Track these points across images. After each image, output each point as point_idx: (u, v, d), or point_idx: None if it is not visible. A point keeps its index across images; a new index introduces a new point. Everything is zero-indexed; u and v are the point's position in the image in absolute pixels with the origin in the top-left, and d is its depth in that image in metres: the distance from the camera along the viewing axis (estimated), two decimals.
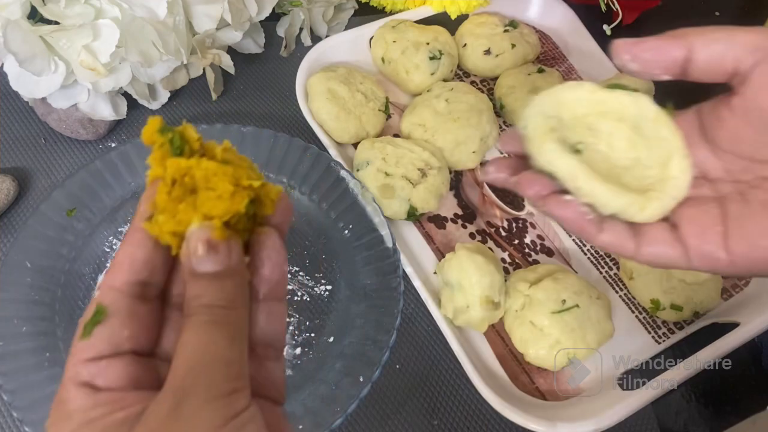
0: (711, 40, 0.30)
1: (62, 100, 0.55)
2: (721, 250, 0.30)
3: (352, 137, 0.59)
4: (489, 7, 0.68)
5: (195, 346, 0.23)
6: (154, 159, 0.25)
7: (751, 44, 0.29)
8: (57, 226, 0.51)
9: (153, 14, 0.51)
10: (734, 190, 0.31)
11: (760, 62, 0.29)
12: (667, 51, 0.30)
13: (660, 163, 0.32)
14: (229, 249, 0.24)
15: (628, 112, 0.32)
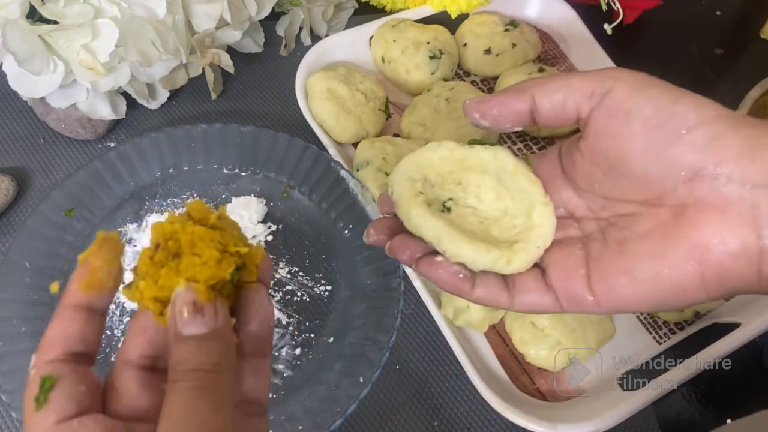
0: (551, 90, 0.31)
1: (61, 99, 0.54)
2: (586, 292, 0.31)
3: (352, 137, 0.59)
4: (489, 6, 0.67)
5: (180, 414, 0.22)
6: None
7: (587, 90, 0.30)
8: (56, 226, 0.51)
9: (152, 13, 0.51)
10: (597, 229, 0.32)
11: (596, 107, 0.30)
12: (512, 105, 0.32)
13: (524, 212, 0.33)
14: (215, 311, 0.24)
15: (489, 166, 0.34)
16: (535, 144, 0.63)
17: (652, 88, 0.29)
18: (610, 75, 0.30)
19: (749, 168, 0.27)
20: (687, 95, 0.29)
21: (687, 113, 0.28)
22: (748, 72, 0.68)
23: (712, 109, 0.28)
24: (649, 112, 0.29)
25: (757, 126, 0.28)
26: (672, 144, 0.28)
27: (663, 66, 0.69)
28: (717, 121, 0.28)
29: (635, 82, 0.29)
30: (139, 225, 0.53)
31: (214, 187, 0.56)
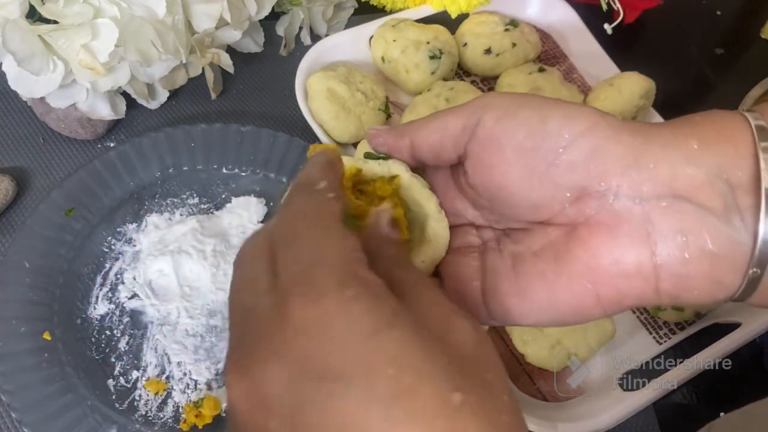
0: (428, 133, 0.31)
1: (61, 99, 0.54)
2: (480, 305, 0.29)
3: (352, 137, 0.59)
4: (489, 6, 0.67)
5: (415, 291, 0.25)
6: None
7: (460, 127, 0.29)
8: (55, 226, 0.51)
9: (152, 13, 0.51)
10: (494, 237, 0.31)
11: (470, 141, 0.29)
12: (395, 147, 0.32)
13: (419, 226, 0.33)
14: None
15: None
16: None
17: (522, 109, 0.28)
18: (480, 104, 0.29)
19: (636, 180, 0.25)
20: (556, 110, 0.27)
21: (558, 131, 0.26)
22: (748, 72, 0.68)
23: (585, 120, 0.26)
24: (520, 137, 0.27)
25: (640, 132, 0.26)
26: (550, 166, 0.27)
27: (663, 66, 0.69)
28: (592, 132, 0.26)
29: (504, 106, 0.28)
30: (138, 225, 0.53)
31: (214, 187, 0.56)
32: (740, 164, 0.25)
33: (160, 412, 0.46)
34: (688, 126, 0.26)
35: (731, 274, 0.25)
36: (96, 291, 0.50)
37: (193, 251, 0.50)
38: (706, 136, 0.26)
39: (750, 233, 0.25)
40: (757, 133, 0.25)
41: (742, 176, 0.25)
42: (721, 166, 0.25)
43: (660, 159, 0.25)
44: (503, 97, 0.29)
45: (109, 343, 0.48)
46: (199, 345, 0.48)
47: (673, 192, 0.25)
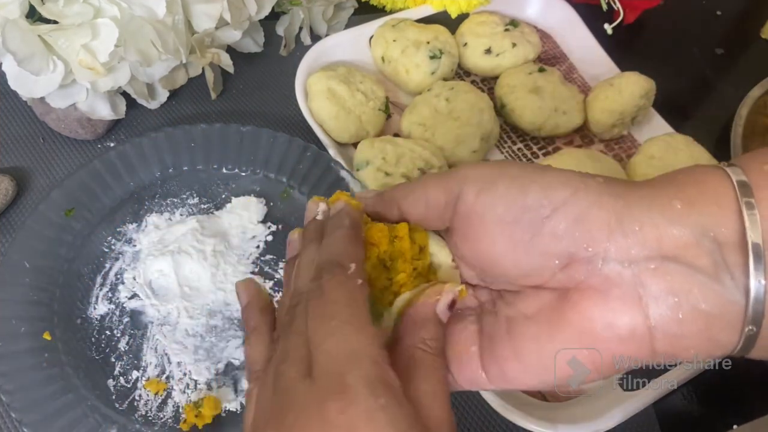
0: (412, 202, 0.31)
1: (61, 99, 0.54)
2: (479, 370, 0.29)
3: (352, 137, 0.59)
4: (489, 6, 0.67)
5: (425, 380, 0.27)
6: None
7: (441, 201, 0.30)
8: (55, 226, 0.51)
9: (152, 13, 0.51)
10: (489, 299, 0.32)
11: (453, 216, 0.30)
12: (390, 212, 0.32)
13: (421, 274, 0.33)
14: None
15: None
16: (535, 144, 0.63)
17: (499, 182, 0.28)
18: (458, 177, 0.29)
19: (622, 244, 0.25)
20: (535, 181, 0.27)
21: (539, 203, 0.27)
22: (748, 72, 0.68)
23: (565, 188, 0.27)
24: (501, 210, 0.27)
25: (621, 195, 0.26)
26: (535, 236, 0.27)
27: (663, 66, 0.69)
28: (574, 200, 0.26)
29: (482, 179, 0.28)
30: (138, 225, 0.53)
31: (214, 187, 0.56)
32: (725, 222, 0.25)
33: (160, 412, 0.46)
34: (671, 186, 0.26)
35: (727, 332, 0.25)
36: (96, 291, 0.50)
37: (193, 251, 0.50)
38: (688, 196, 0.25)
39: (742, 291, 0.24)
40: (739, 189, 0.25)
41: (728, 233, 0.25)
42: (707, 224, 0.25)
43: (645, 221, 0.25)
44: (481, 168, 0.29)
45: (109, 343, 0.48)
46: (199, 345, 0.48)
47: (662, 253, 0.25)
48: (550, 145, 0.63)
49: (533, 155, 0.62)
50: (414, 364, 0.27)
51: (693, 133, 0.60)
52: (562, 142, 0.63)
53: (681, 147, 0.58)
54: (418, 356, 0.27)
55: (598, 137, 0.63)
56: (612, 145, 0.63)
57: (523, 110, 0.61)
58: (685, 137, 0.59)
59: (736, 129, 0.61)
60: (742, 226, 0.24)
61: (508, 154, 0.62)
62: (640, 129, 0.63)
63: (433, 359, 0.27)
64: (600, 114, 0.61)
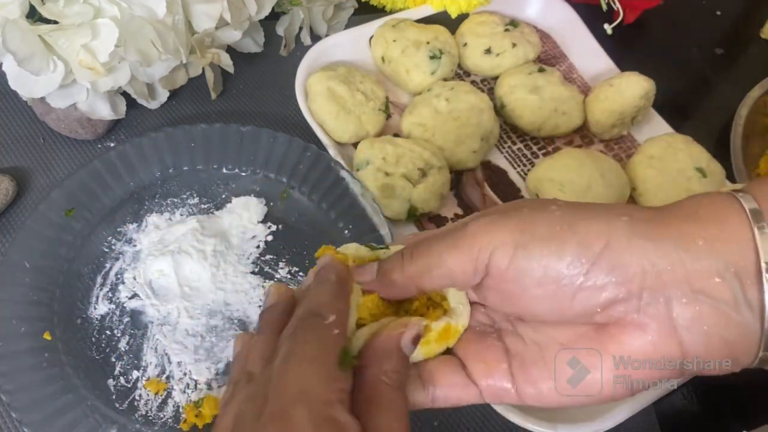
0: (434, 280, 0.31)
1: (61, 99, 0.54)
2: (510, 386, 0.31)
3: (352, 137, 0.59)
4: (489, 6, 0.67)
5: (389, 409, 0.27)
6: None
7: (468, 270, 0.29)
8: (55, 226, 0.51)
9: (152, 13, 0.51)
10: (505, 318, 0.32)
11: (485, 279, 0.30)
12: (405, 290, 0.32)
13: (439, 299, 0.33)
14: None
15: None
16: (534, 144, 0.63)
17: (531, 248, 0.28)
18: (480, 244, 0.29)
19: (657, 283, 0.27)
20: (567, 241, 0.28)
21: (575, 263, 0.28)
22: (748, 72, 0.68)
23: (598, 241, 0.28)
24: (539, 274, 0.28)
25: (650, 236, 0.28)
26: (576, 294, 0.28)
27: (663, 66, 0.69)
28: (608, 252, 0.27)
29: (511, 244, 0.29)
30: (138, 225, 0.53)
31: (214, 187, 0.56)
32: (744, 256, 0.27)
33: (160, 411, 0.46)
34: (692, 223, 0.28)
35: (745, 356, 0.28)
36: (96, 291, 0.50)
37: (193, 251, 0.50)
38: (710, 234, 0.27)
39: (758, 321, 0.27)
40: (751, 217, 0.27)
41: (747, 267, 0.27)
42: (728, 260, 0.27)
43: (674, 260, 0.27)
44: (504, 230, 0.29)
45: (109, 343, 0.48)
46: (200, 345, 0.48)
47: (691, 288, 0.27)
48: (550, 145, 0.63)
49: (533, 155, 0.62)
50: (374, 396, 0.28)
51: (693, 133, 0.60)
52: (562, 142, 0.63)
53: (681, 147, 0.58)
54: (380, 388, 0.28)
55: (598, 137, 0.63)
56: (612, 145, 0.63)
57: (523, 110, 0.61)
58: (684, 137, 0.59)
59: (736, 129, 0.61)
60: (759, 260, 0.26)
61: (508, 154, 0.62)
62: (639, 129, 0.64)
63: (392, 392, 0.28)
64: (600, 114, 0.61)
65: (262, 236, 0.54)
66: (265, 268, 0.52)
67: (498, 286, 0.30)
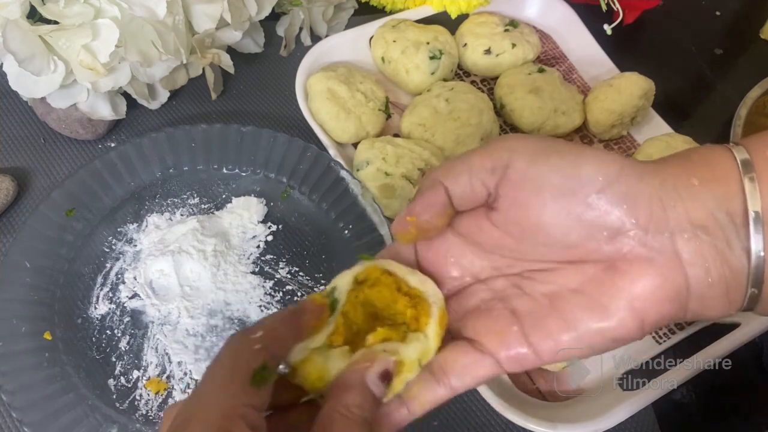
0: (456, 174, 0.31)
1: (61, 99, 0.54)
2: (525, 348, 0.30)
3: (352, 137, 0.59)
4: (489, 6, 0.68)
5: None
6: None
7: (488, 166, 0.30)
8: (56, 226, 0.51)
9: (152, 14, 0.51)
10: (509, 284, 0.32)
11: (501, 181, 0.30)
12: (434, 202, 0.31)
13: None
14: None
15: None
16: None
17: (550, 155, 0.29)
18: (503, 146, 0.30)
19: (663, 217, 0.28)
20: (587, 156, 0.29)
21: (593, 176, 0.28)
22: (748, 72, 0.68)
23: (615, 166, 0.29)
24: (556, 181, 0.29)
25: (658, 172, 0.29)
26: (588, 209, 0.28)
27: (662, 66, 0.69)
28: (623, 176, 0.28)
29: (531, 150, 0.30)
30: (139, 225, 0.53)
31: (214, 187, 0.56)
32: (734, 198, 0.28)
33: (160, 411, 0.46)
34: (687, 164, 0.29)
35: (739, 293, 0.29)
36: (96, 291, 0.50)
37: (193, 251, 0.50)
38: (702, 174, 0.29)
39: (746, 258, 0.28)
40: (741, 167, 0.28)
41: (737, 208, 0.28)
42: (720, 200, 0.28)
43: (675, 197, 0.28)
44: (527, 139, 0.30)
45: (109, 342, 0.48)
46: (200, 345, 0.48)
47: (692, 224, 0.28)
48: None
49: None
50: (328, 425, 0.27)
51: (692, 133, 0.60)
52: None
53: (680, 147, 0.58)
54: (336, 420, 0.27)
55: (598, 137, 0.63)
56: (611, 145, 0.63)
57: (523, 110, 0.61)
58: (684, 137, 0.59)
59: (736, 129, 0.61)
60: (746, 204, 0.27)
61: None
62: (639, 129, 0.64)
63: (347, 426, 0.27)
64: (599, 114, 0.61)
65: (262, 236, 0.54)
66: (266, 268, 0.52)
67: (512, 191, 0.30)
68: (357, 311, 0.31)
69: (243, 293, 0.50)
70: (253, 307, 0.50)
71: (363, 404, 0.28)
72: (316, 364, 0.30)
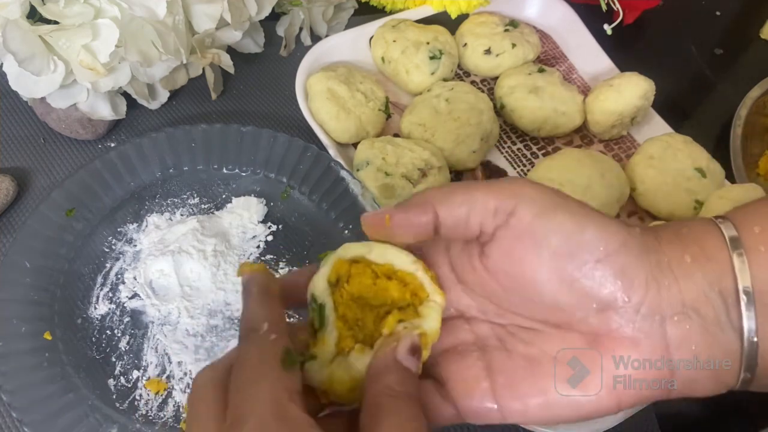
0: (454, 205, 0.30)
1: (61, 99, 0.54)
2: (491, 405, 0.30)
3: (352, 137, 0.59)
4: (489, 6, 0.68)
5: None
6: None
7: (491, 207, 0.29)
8: (56, 226, 0.51)
9: (152, 14, 0.51)
10: (493, 334, 0.32)
11: (501, 227, 0.29)
12: (414, 221, 0.30)
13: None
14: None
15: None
16: (534, 144, 0.63)
17: (557, 212, 0.28)
18: (512, 192, 0.29)
19: (656, 299, 0.28)
20: (592, 221, 0.28)
21: (595, 243, 0.28)
22: (748, 72, 0.68)
23: (618, 237, 0.28)
24: (557, 241, 0.28)
25: (658, 251, 0.28)
26: (582, 277, 0.28)
27: (662, 66, 0.69)
28: (624, 251, 0.28)
29: (540, 202, 0.29)
30: (139, 225, 0.53)
31: (214, 187, 0.56)
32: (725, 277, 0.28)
33: (160, 411, 0.46)
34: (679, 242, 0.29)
35: (730, 376, 0.28)
36: (96, 291, 0.50)
37: (193, 251, 0.50)
38: (693, 252, 0.28)
39: (739, 341, 0.27)
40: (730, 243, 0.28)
41: (728, 287, 0.27)
42: (711, 279, 0.28)
43: (671, 278, 0.28)
44: (537, 190, 0.29)
45: (109, 342, 0.48)
46: (200, 345, 0.48)
47: (683, 305, 0.28)
48: (550, 146, 0.63)
49: (533, 155, 0.62)
50: (377, 409, 0.27)
51: (692, 133, 0.60)
52: (562, 143, 0.63)
53: (680, 147, 0.58)
54: (383, 401, 0.27)
55: (598, 137, 0.63)
56: (611, 145, 0.63)
57: (523, 111, 0.61)
58: (684, 137, 0.59)
59: (736, 129, 0.61)
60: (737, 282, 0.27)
61: (508, 154, 0.62)
62: (639, 129, 0.64)
63: (395, 401, 0.27)
64: (599, 114, 0.61)
65: (262, 236, 0.54)
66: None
67: (510, 241, 0.29)
68: (351, 309, 0.31)
69: None
70: None
71: (403, 380, 0.28)
72: (341, 377, 0.29)
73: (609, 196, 0.55)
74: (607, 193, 0.55)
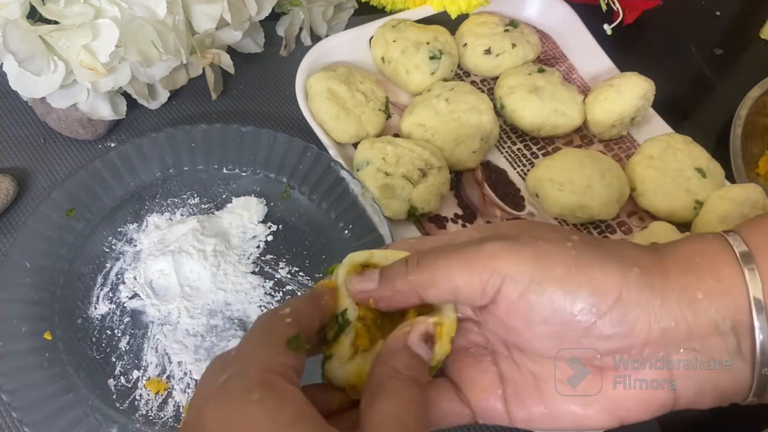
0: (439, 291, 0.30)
1: (61, 99, 0.54)
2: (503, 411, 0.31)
3: (352, 137, 0.59)
4: (489, 6, 0.68)
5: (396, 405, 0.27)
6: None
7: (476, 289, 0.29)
8: (56, 226, 0.51)
9: (152, 14, 0.51)
10: (499, 340, 0.33)
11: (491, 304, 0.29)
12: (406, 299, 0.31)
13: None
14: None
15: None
16: (534, 144, 0.63)
17: (544, 285, 0.28)
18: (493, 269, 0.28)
19: (660, 339, 0.28)
20: (582, 285, 0.28)
21: (588, 311, 0.28)
22: (748, 72, 0.68)
23: (612, 295, 0.28)
24: (548, 314, 0.28)
25: (657, 288, 0.28)
26: (582, 338, 0.28)
27: (662, 66, 0.69)
28: (620, 304, 0.28)
29: (523, 277, 0.28)
30: (139, 225, 0.53)
31: (214, 187, 0.56)
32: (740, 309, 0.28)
33: (160, 411, 0.46)
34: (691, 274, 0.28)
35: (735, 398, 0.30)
36: (97, 291, 0.50)
37: (193, 251, 0.50)
38: (708, 286, 0.28)
39: (749, 370, 0.28)
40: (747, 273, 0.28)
41: (743, 319, 0.28)
42: (725, 314, 0.28)
43: (678, 317, 0.28)
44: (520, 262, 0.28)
45: (109, 342, 0.48)
46: (200, 345, 0.48)
47: (691, 342, 0.28)
48: (550, 146, 0.63)
49: (533, 155, 0.62)
50: (378, 388, 0.27)
51: (692, 133, 0.60)
52: (562, 143, 0.63)
53: (680, 147, 0.58)
54: (385, 381, 0.28)
55: (598, 137, 0.63)
56: (611, 145, 0.63)
57: (523, 111, 0.61)
58: (684, 137, 0.59)
59: (736, 130, 0.61)
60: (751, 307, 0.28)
61: (508, 154, 0.62)
62: (639, 129, 0.64)
63: (400, 384, 0.27)
64: (599, 114, 0.61)
65: (262, 236, 0.54)
66: (266, 268, 0.52)
67: (503, 316, 0.29)
68: (367, 312, 0.32)
69: (243, 293, 0.50)
70: (253, 307, 0.50)
71: (411, 366, 0.28)
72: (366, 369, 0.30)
73: (609, 196, 0.55)
74: (607, 193, 0.55)
